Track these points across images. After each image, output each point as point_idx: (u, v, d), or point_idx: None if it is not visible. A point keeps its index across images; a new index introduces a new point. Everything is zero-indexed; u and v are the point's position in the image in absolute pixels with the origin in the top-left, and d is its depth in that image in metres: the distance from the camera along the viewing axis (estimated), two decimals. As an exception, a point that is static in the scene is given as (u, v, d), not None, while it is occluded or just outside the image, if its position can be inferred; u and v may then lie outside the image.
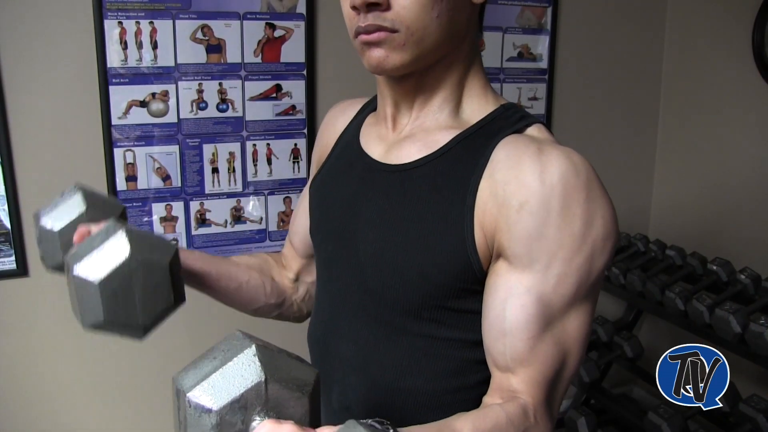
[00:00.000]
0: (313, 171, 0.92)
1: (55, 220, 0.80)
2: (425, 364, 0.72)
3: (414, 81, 0.71)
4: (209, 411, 0.48)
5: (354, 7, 0.65)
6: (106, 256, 0.67)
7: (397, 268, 0.70)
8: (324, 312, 0.83)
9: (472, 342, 0.71)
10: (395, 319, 0.72)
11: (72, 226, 0.79)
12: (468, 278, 0.67)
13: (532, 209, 0.62)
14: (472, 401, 0.74)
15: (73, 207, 0.81)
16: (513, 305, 0.63)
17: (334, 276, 0.80)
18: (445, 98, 0.72)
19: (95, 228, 0.75)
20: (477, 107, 0.73)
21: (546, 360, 0.64)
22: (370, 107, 0.85)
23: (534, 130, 0.70)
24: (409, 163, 0.71)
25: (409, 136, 0.73)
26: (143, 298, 0.69)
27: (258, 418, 0.49)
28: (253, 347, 0.50)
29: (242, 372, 0.49)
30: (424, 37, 0.65)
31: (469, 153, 0.68)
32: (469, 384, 0.73)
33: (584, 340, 0.67)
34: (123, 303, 0.67)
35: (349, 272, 0.76)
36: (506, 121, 0.70)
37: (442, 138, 0.71)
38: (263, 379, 0.49)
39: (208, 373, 0.49)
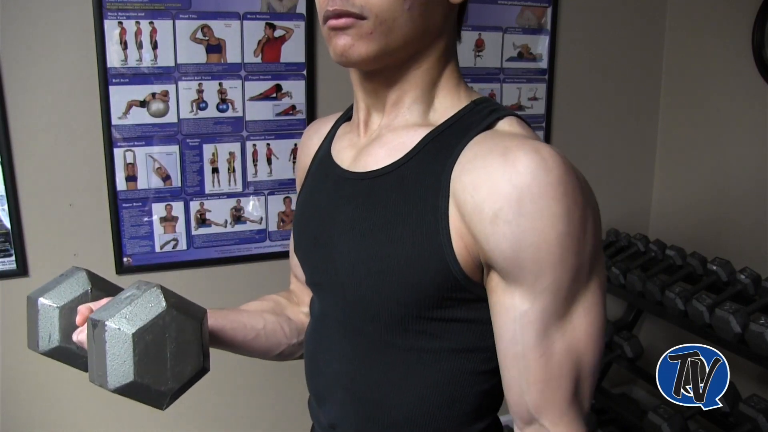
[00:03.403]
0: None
1: (56, 298, 0.76)
2: (415, 377, 0.69)
3: (384, 78, 0.69)
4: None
5: None
6: (142, 309, 0.65)
7: (373, 279, 0.66)
8: (314, 327, 0.81)
9: (461, 351, 0.68)
10: (379, 333, 0.69)
11: (74, 305, 0.75)
12: (449, 286, 0.64)
13: (507, 217, 0.57)
14: (470, 414, 0.71)
15: (76, 285, 0.77)
16: (522, 325, 0.60)
17: (319, 292, 0.78)
18: (416, 98, 0.69)
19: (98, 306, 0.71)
20: (449, 105, 0.70)
21: (561, 372, 0.61)
22: (343, 119, 0.83)
23: (505, 124, 0.66)
24: (377, 170, 0.68)
25: (376, 139, 0.71)
26: (174, 358, 0.67)
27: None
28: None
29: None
30: (393, 29, 0.63)
31: (437, 155, 0.65)
32: (464, 395, 0.70)
33: (598, 332, 0.63)
34: (154, 361, 0.65)
35: (330, 286, 0.74)
36: (477, 116, 0.67)
37: (410, 140, 0.68)
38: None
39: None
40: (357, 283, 0.68)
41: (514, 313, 0.61)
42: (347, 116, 0.82)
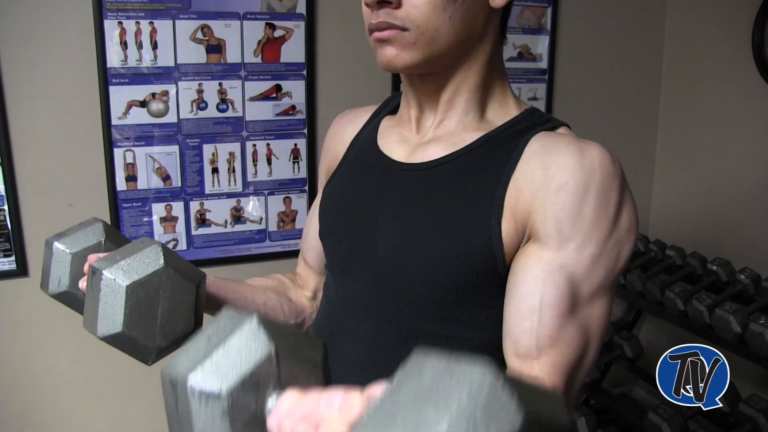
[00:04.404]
0: (322, 182, 0.91)
1: (70, 244, 0.79)
2: None
3: (436, 81, 0.72)
4: (217, 395, 0.40)
5: (367, 4, 0.67)
6: (139, 263, 0.67)
7: (417, 265, 0.70)
8: (331, 313, 0.82)
9: (485, 338, 0.71)
10: (409, 319, 0.72)
11: (86, 253, 0.78)
12: (490, 271, 0.67)
13: (570, 189, 0.63)
14: None
15: (91, 235, 0.80)
16: (547, 282, 0.63)
17: (345, 277, 0.80)
18: (469, 100, 0.73)
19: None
20: (501, 111, 0.74)
21: (571, 343, 0.64)
22: (384, 111, 0.85)
23: (563, 131, 0.71)
24: (434, 160, 0.72)
25: (434, 139, 0.74)
26: (165, 316, 0.68)
27: (274, 394, 0.42)
28: (255, 318, 0.43)
29: (248, 346, 0.41)
30: (436, 38, 0.66)
31: (497, 149, 0.69)
32: None
33: (604, 330, 0.68)
34: (144, 316, 0.66)
35: (363, 273, 0.76)
36: (533, 122, 0.72)
37: (469, 137, 0.71)
38: (274, 351, 0.41)
39: (207, 354, 0.41)
40: (399, 270, 0.71)
41: (540, 269, 0.64)
42: (389, 110, 0.84)
